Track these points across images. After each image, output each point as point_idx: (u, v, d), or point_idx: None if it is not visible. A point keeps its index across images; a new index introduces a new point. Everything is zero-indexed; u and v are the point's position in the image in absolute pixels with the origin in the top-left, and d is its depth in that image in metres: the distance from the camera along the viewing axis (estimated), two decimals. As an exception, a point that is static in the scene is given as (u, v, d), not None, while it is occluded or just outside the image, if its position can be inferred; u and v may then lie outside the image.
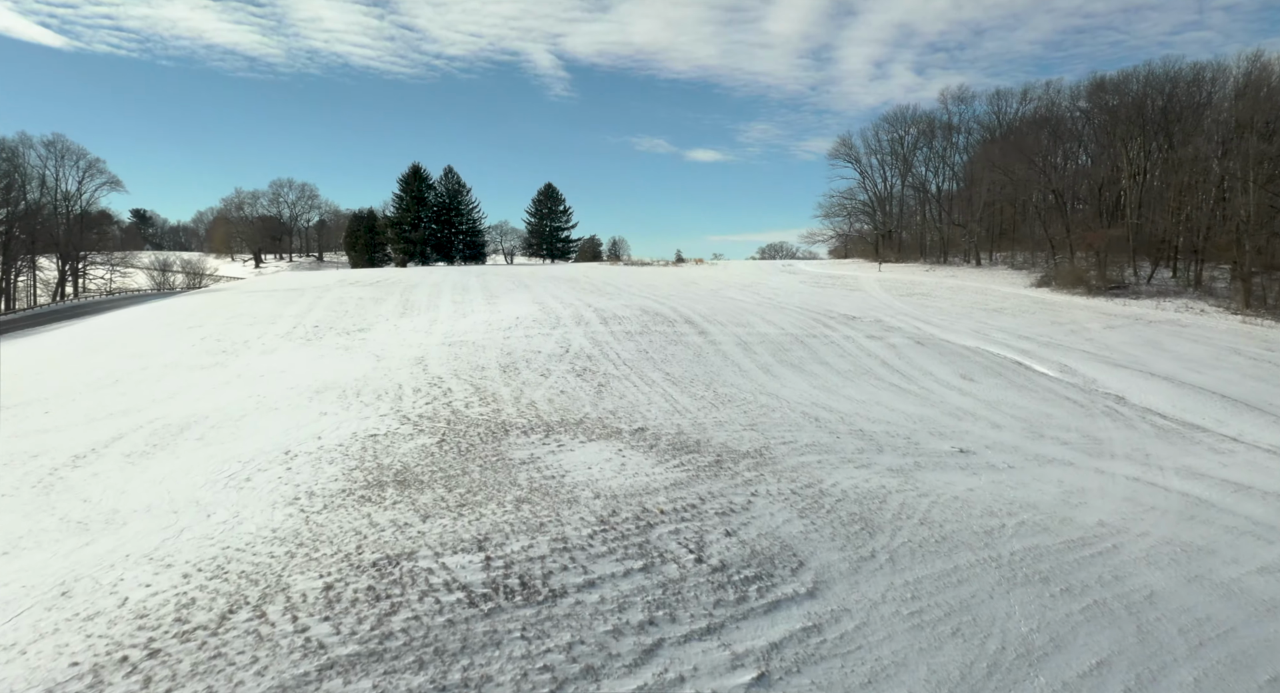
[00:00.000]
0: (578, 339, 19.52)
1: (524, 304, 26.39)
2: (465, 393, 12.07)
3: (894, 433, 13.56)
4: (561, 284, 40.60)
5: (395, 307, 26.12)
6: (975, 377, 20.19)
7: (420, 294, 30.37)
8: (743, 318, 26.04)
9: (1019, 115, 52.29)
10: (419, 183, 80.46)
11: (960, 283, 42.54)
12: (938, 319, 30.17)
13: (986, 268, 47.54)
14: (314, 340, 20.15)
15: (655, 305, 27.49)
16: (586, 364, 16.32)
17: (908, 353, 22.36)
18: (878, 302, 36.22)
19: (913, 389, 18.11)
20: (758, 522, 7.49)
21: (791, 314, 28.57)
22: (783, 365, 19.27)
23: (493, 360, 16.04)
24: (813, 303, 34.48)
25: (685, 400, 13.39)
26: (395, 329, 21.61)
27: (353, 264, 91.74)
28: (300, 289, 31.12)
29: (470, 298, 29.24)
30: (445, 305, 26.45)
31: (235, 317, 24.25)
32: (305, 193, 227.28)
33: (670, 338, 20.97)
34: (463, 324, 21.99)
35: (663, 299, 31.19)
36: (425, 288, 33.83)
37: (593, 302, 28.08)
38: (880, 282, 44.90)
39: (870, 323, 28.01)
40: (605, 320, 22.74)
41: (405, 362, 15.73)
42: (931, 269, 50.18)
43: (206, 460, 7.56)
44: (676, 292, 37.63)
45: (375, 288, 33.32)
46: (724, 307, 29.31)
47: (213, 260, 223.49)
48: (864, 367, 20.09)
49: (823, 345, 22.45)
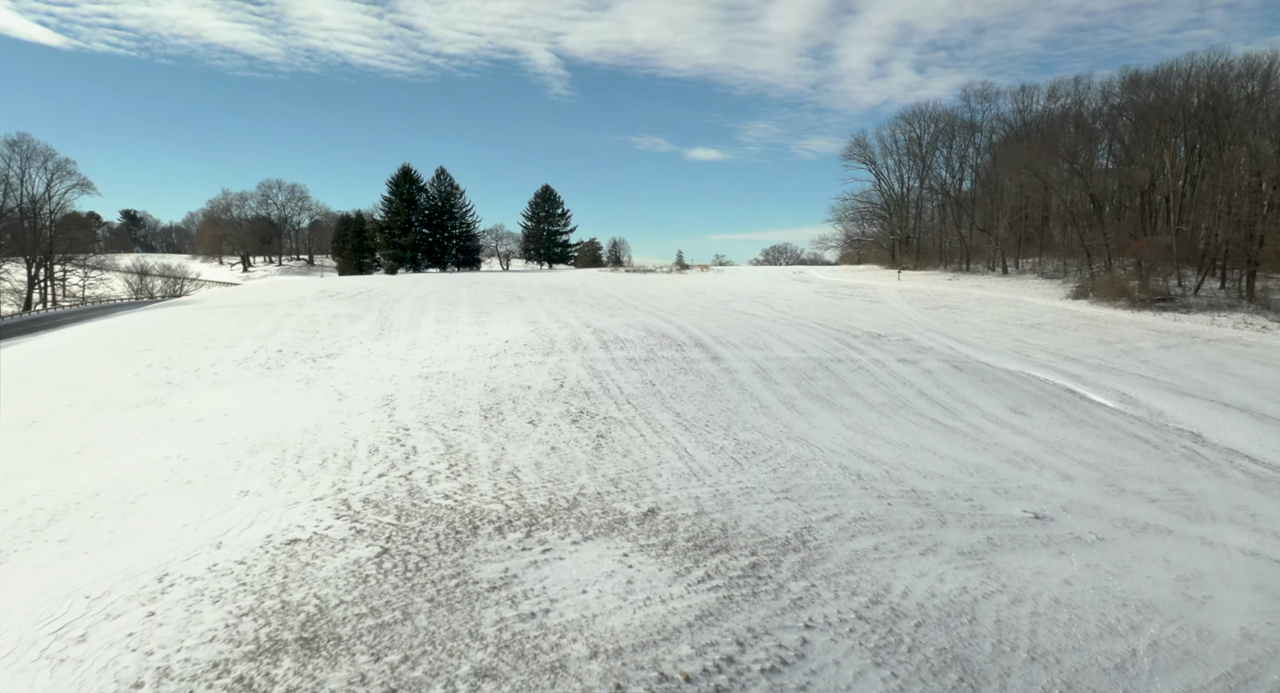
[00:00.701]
0: (574, 369, 17.49)
1: (515, 323, 24.38)
2: (432, 455, 10.03)
3: (952, 492, 11.51)
4: (559, 296, 38.62)
5: (372, 326, 24.10)
6: (1027, 410, 18.13)
7: (402, 310, 28.37)
8: (758, 338, 24.01)
9: (1046, 113, 50.39)
10: (409, 185, 78.59)
11: (988, 294, 40.50)
12: (971, 337, 28.13)
13: (1014, 277, 45.51)
14: (274, 369, 18.13)
15: (661, 324, 25.46)
16: (584, 404, 14.28)
17: (946, 380, 20.31)
18: (902, 316, 34.19)
19: (959, 427, 16.06)
20: (821, 682, 5.44)
21: (810, 332, 26.53)
22: (809, 399, 17.22)
23: (473, 400, 14.01)
24: (831, 318, 32.45)
25: (702, 457, 11.35)
26: (368, 355, 19.58)
27: (340, 271, 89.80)
28: (270, 304, 29.13)
29: (457, 315, 27.23)
30: (428, 325, 24.44)
31: (193, 338, 22.24)
32: (295, 194, 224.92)
33: (679, 366, 18.93)
34: (445, 349, 19.97)
35: (669, 315, 29.17)
36: (409, 302, 31.83)
37: (592, 320, 26.07)
38: (901, 292, 42.88)
39: (898, 342, 25.98)
40: (605, 344, 20.71)
41: (370, 402, 13.70)
42: (955, 278, 48.15)
43: (45, 591, 5.50)
44: (683, 305, 35.63)
45: (354, 302, 31.33)
46: (736, 324, 27.28)
47: (199, 265, 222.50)
48: (900, 398, 18.04)
49: (850, 372, 20.40)
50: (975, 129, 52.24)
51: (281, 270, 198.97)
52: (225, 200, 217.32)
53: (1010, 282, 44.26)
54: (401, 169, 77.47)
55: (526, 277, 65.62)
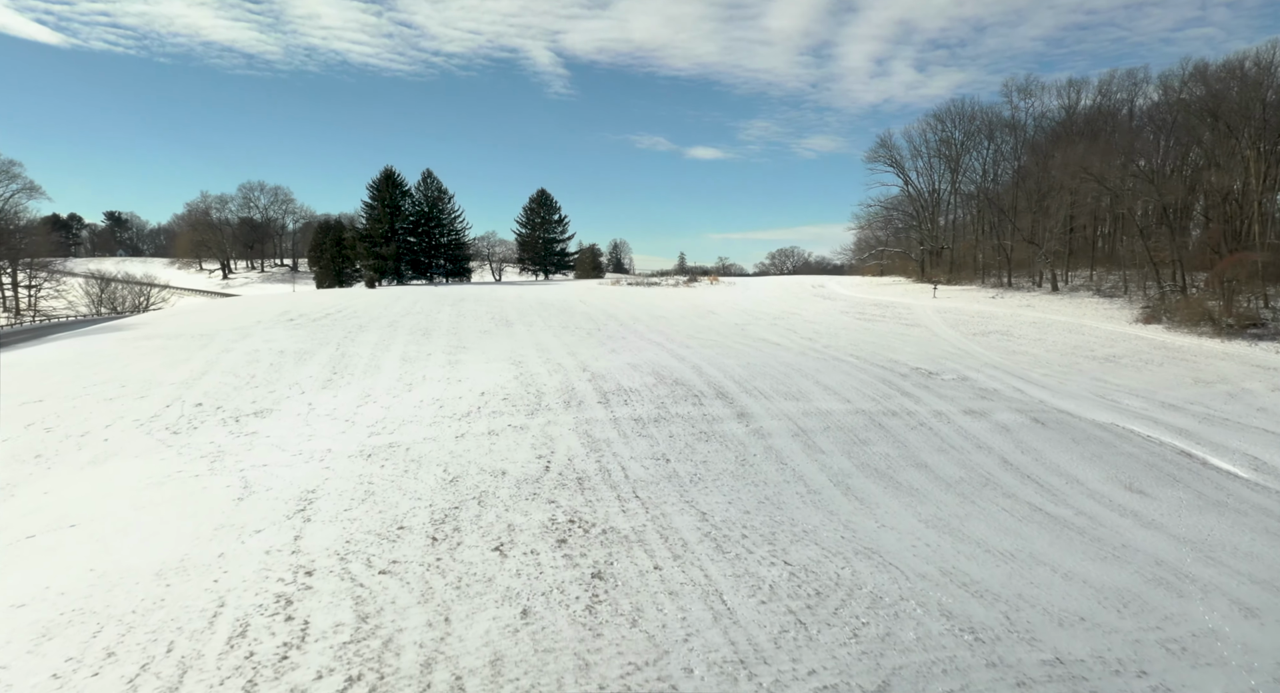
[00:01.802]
0: (565, 439, 14.24)
1: (497, 365, 21.15)
2: (329, 647, 6.79)
3: (1112, 658, 8.27)
4: (552, 319, 35.43)
5: (323, 367, 20.89)
6: (1144, 486, 14.83)
7: (365, 342, 25.16)
8: (789, 382, 20.76)
9: (1097, 109, 47.32)
10: (393, 189, 75.50)
11: (1041, 316, 37.23)
12: (1038, 375, 24.84)
13: (1066, 295, 42.24)
14: (181, 434, 14.89)
15: (671, 363, 22.22)
16: (576, 503, 11.03)
17: (1028, 440, 17.02)
18: (949, 345, 30.93)
19: (1068, 517, 12.78)
20: None
21: (849, 371, 23.27)
22: (867, 475, 13.96)
23: (424, 502, 10.77)
24: (868, 348, 29.21)
25: (747, 613, 8.10)
26: (307, 412, 16.34)
27: (318, 282, 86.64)
28: (211, 335, 25.95)
29: (428, 350, 24.02)
30: (391, 365, 21.22)
31: (100, 383, 19.04)
32: (279, 197, 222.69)
33: (699, 429, 15.67)
34: (404, 404, 16.74)
35: (679, 347, 25.94)
36: (376, 330, 28.64)
37: (589, 358, 22.85)
38: (940, 313, 39.62)
39: (955, 383, 22.72)
40: (605, 397, 17.47)
41: (279, 506, 10.47)
42: (998, 295, 44.87)
43: None
44: (694, 330, 32.42)
45: (312, 330, 28.14)
46: (759, 360, 24.04)
47: (175, 272, 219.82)
48: (980, 471, 14.76)
49: (910, 431, 17.13)
50: (1016, 127, 49.15)
51: (263, 278, 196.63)
52: (204, 203, 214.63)
53: (1063, 301, 40.97)
54: (384, 172, 74.32)
55: (519, 291, 62.47)
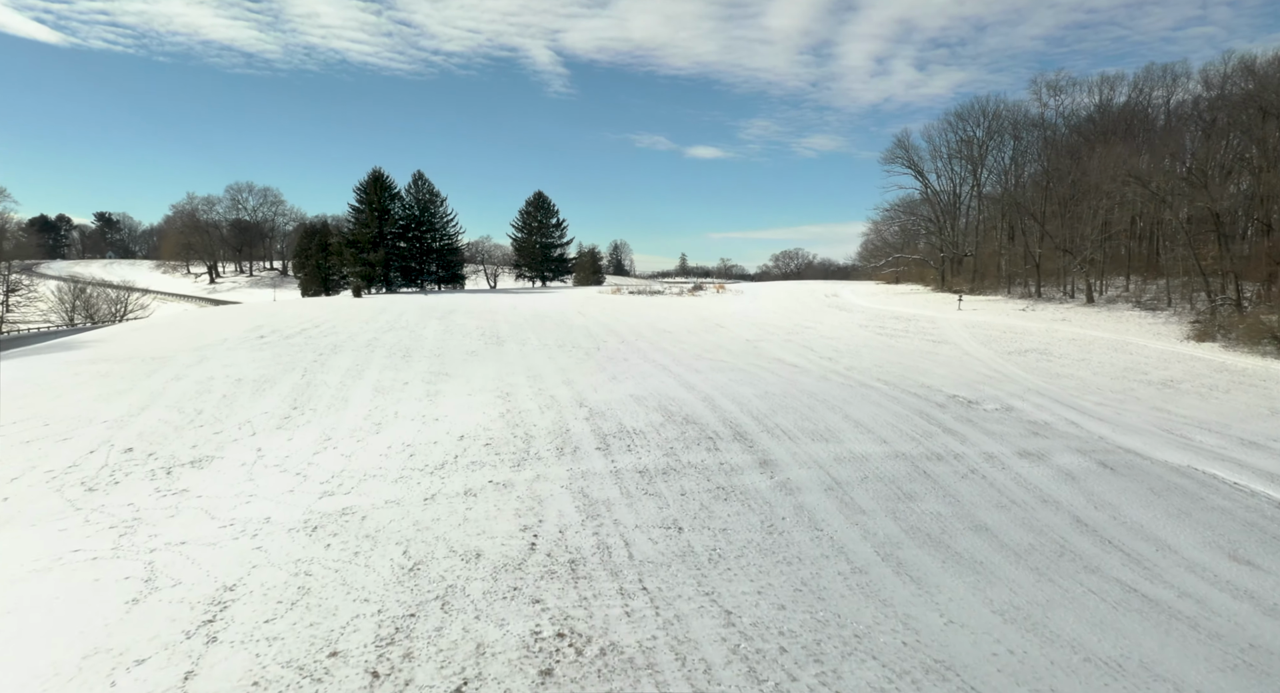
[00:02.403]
0: (557, 502, 12.17)
1: (481, 397, 19.09)
2: None
3: None
4: (548, 336, 33.40)
5: (284, 399, 18.85)
6: (1249, 553, 12.71)
7: (336, 368, 23.12)
8: (814, 416, 18.69)
9: (1134, 107, 45.35)
10: (381, 192, 73.61)
11: (1080, 331, 35.14)
12: (1090, 402, 22.75)
13: (1102, 307, 40.18)
14: (96, 493, 12.82)
15: (680, 393, 20.16)
16: (565, 602, 8.97)
17: (1099, 491, 14.92)
18: (983, 365, 28.85)
19: (1169, 600, 10.65)
20: None
21: (880, 401, 21.21)
22: (919, 543, 11.87)
23: (371, 605, 8.70)
24: (896, 369, 27.14)
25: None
26: (254, 461, 14.28)
27: (303, 289, 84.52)
28: (165, 357, 23.93)
29: (408, 376, 21.98)
30: (361, 397, 19.17)
31: (20, 421, 16.97)
32: (268, 198, 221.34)
33: (715, 484, 13.60)
34: (369, 451, 14.68)
35: (688, 371, 23.88)
36: (352, 351, 26.61)
37: (587, 387, 20.80)
38: (968, 327, 37.54)
39: (1000, 414, 20.65)
40: (605, 440, 15.40)
41: (176, 621, 8.42)
42: (1028, 308, 42.79)
43: None
44: (702, 348, 30.37)
45: (279, 351, 26.13)
46: (778, 387, 21.98)
47: (160, 276, 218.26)
48: (1052, 535, 12.67)
49: (960, 480, 15.04)
50: (1046, 126, 47.18)
51: (251, 283, 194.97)
52: (190, 205, 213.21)
53: (1101, 314, 38.89)
54: (372, 174, 72.43)
55: (514, 300, 60.47)
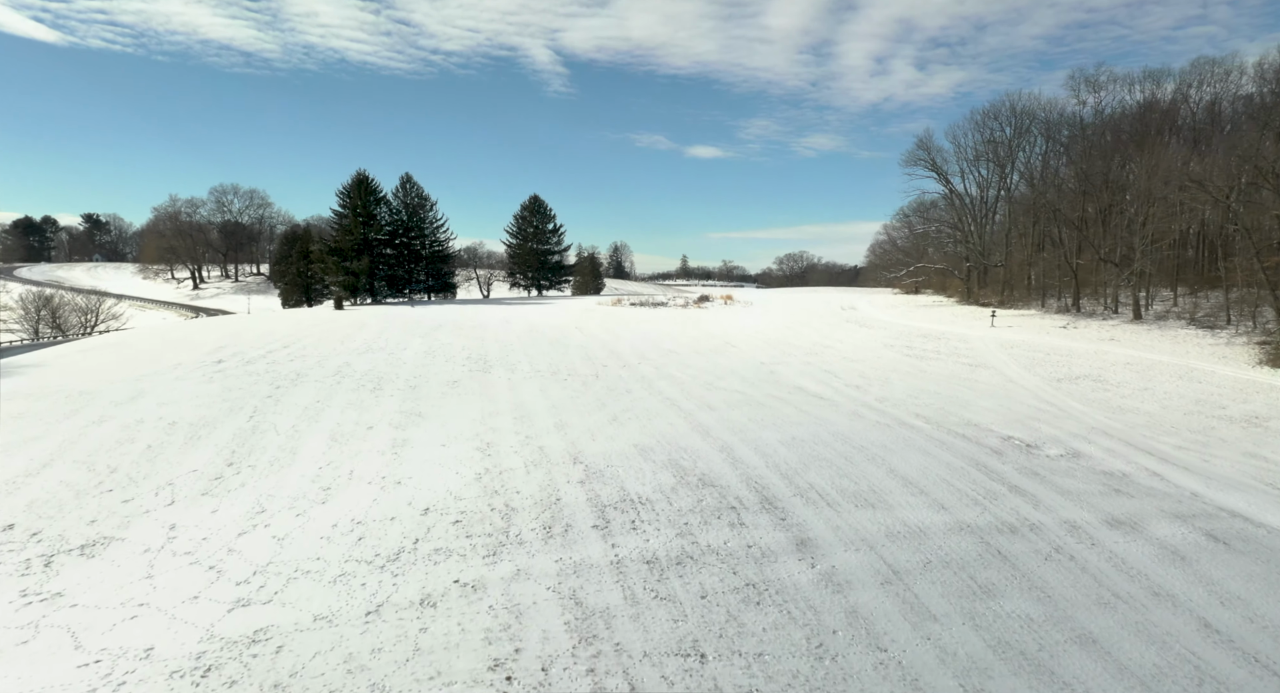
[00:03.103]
0: (541, 616, 9.62)
1: (457, 448, 16.54)
2: None
3: None
4: (541, 359, 30.87)
5: (221, 450, 16.32)
6: None
7: (292, 405, 20.59)
8: (855, 471, 16.13)
9: (1185, 104, 42.92)
10: (366, 196, 71.15)
11: (1132, 353, 32.56)
12: (1168, 445, 20.16)
13: (1151, 324, 37.63)
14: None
15: (693, 439, 17.62)
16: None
17: (1220, 578, 12.32)
18: (1032, 395, 26.27)
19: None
20: None
21: (926, 446, 18.66)
22: (1014, 668, 9.30)
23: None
24: (933, 400, 24.58)
25: None
26: (159, 549, 11.74)
27: (284, 300, 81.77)
28: (95, 392, 21.42)
29: (374, 417, 19.45)
30: (315, 446, 16.63)
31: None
32: (255, 200, 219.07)
33: (744, 579, 11.03)
34: (308, 531, 12.14)
35: (700, 409, 21.34)
36: (315, 381, 24.11)
37: (583, 433, 18.26)
38: (1005, 347, 34.99)
39: (1067, 463, 18.06)
40: (604, 514, 12.85)
41: None
42: (1069, 324, 40.22)
43: None
44: (714, 376, 27.81)
45: (233, 381, 23.62)
46: (807, 430, 19.45)
47: (140, 282, 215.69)
48: (1177, 648, 10.10)
49: (1045, 563, 12.46)
50: (1085, 126, 44.75)
51: (236, 289, 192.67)
52: (173, 207, 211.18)
53: (1152, 333, 36.34)
54: (356, 177, 69.91)
55: (507, 312, 58.01)
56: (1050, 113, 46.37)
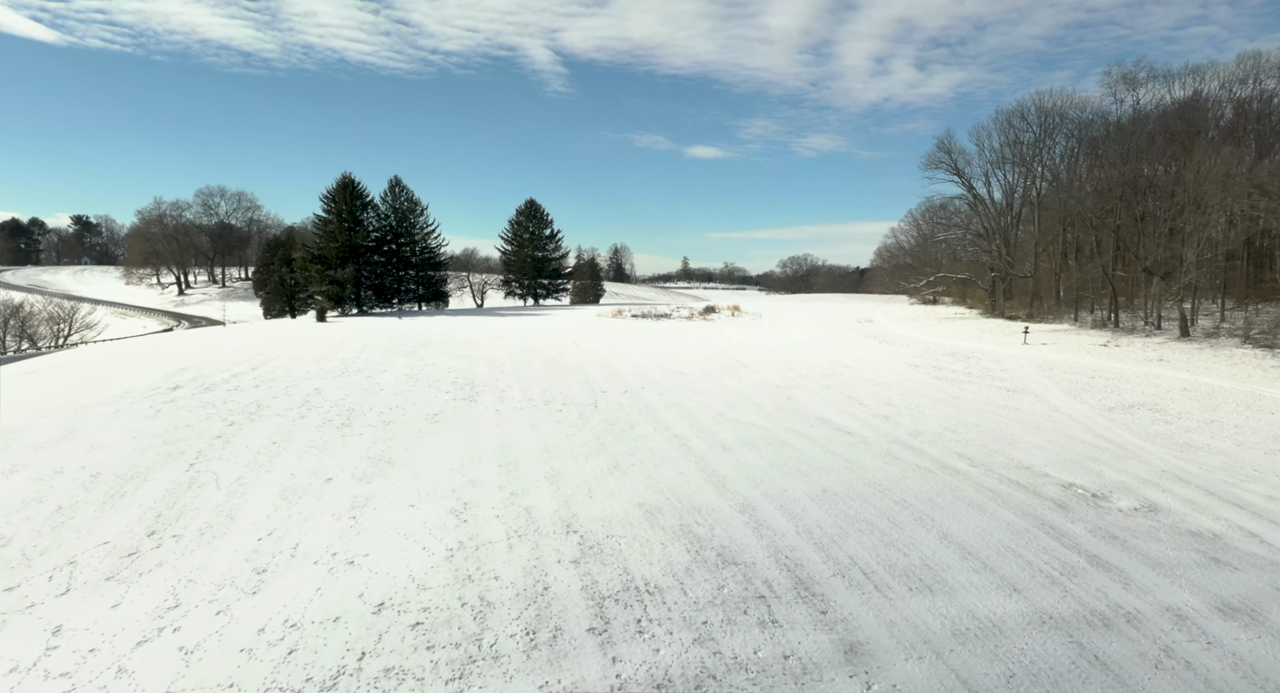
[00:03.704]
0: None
1: (428, 509, 14.28)
2: None
3: None
4: (534, 383, 28.60)
5: (148, 509, 14.07)
6: None
7: (243, 449, 18.33)
8: (902, 540, 13.85)
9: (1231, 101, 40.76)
10: (352, 201, 69.03)
11: (1187, 377, 30.28)
12: (1257, 495, 17.81)
13: (1200, 342, 35.36)
14: None
15: (708, 496, 15.34)
16: None
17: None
18: (1083, 427, 23.95)
19: None
20: None
21: (979, 499, 16.37)
22: None
23: None
24: (977, 437, 22.27)
25: None
26: (30, 667, 9.48)
27: (266, 310, 79.55)
28: (18, 430, 19.18)
29: (335, 465, 17.19)
30: (258, 506, 14.37)
31: None
32: (242, 203, 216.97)
33: (786, 716, 8.74)
34: (229, 637, 9.90)
35: (713, 452, 19.07)
36: (278, 414, 21.89)
37: (578, 488, 16.00)
38: (1043, 369, 32.71)
39: (1144, 519, 15.75)
40: (602, 610, 10.59)
41: None
42: (1109, 342, 37.95)
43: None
44: (726, 405, 25.54)
45: (182, 415, 21.40)
46: (840, 483, 17.18)
47: (123, 287, 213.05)
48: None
49: (1156, 674, 10.15)
50: (1122, 127, 42.58)
51: (223, 294, 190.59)
52: (157, 210, 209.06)
53: (1205, 353, 34.07)
54: (340, 180, 67.69)
55: (501, 326, 55.81)
56: (1083, 112, 44.34)
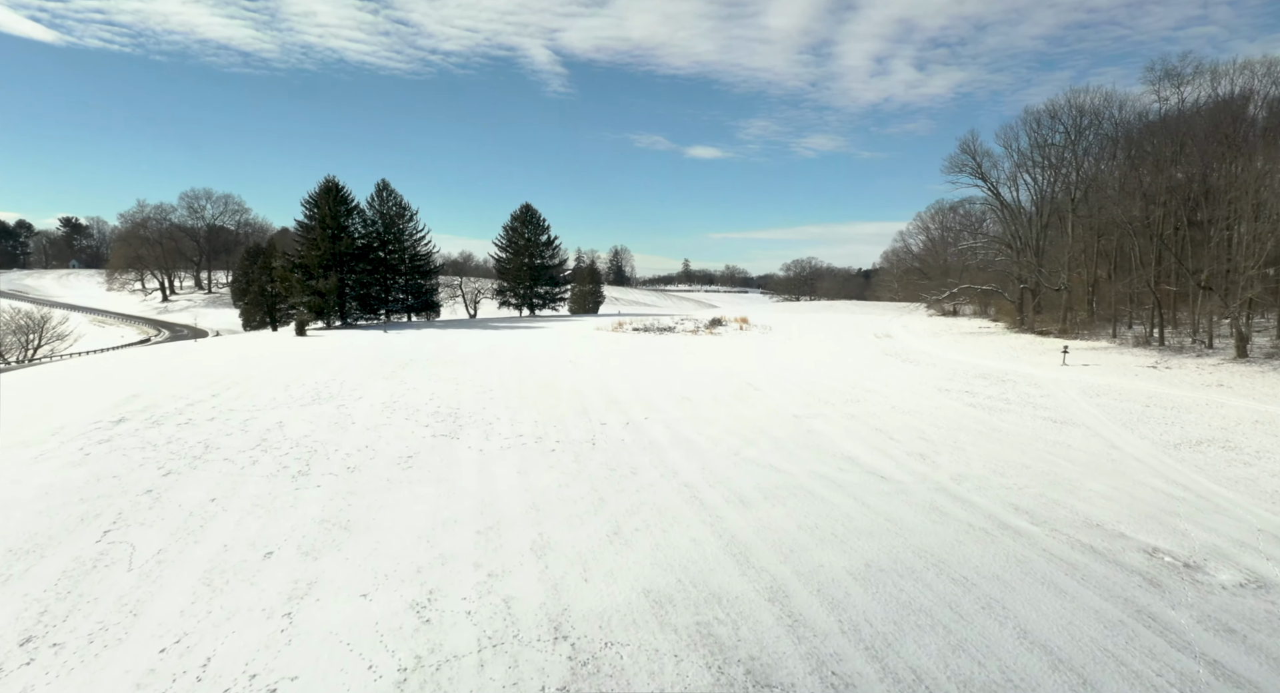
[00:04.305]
0: None
1: (382, 601, 11.87)
2: None
3: None
4: (525, 414, 26.18)
5: (30, 604, 11.67)
6: None
7: (179, 504, 15.96)
8: (972, 641, 11.42)
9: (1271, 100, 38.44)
10: (336, 206, 66.67)
11: (1256, 406, 27.83)
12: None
13: (1261, 363, 32.99)
14: None
15: (729, 576, 12.94)
16: None
17: None
18: (1150, 472, 21.47)
19: None
20: None
21: (1052, 574, 13.94)
22: None
23: None
24: (1030, 482, 19.81)
25: None
26: None
27: (245, 321, 77.04)
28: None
29: (281, 529, 14.82)
30: (173, 597, 11.97)
31: None
32: (229, 206, 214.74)
33: None
34: None
35: (731, 513, 16.65)
36: (224, 460, 19.50)
37: (570, 567, 13.65)
38: (1089, 395, 30.29)
39: (1257, 600, 13.30)
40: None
41: None
42: (1158, 363, 35.55)
43: None
44: (741, 441, 23.13)
45: (115, 460, 19.04)
46: (884, 555, 14.77)
47: (104, 293, 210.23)
48: None
49: None
50: (1167, 126, 40.28)
51: (208, 301, 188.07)
52: (141, 213, 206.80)
53: (1270, 376, 31.64)
54: (323, 184, 65.24)
55: (493, 340, 53.41)
56: (1124, 111, 42.08)
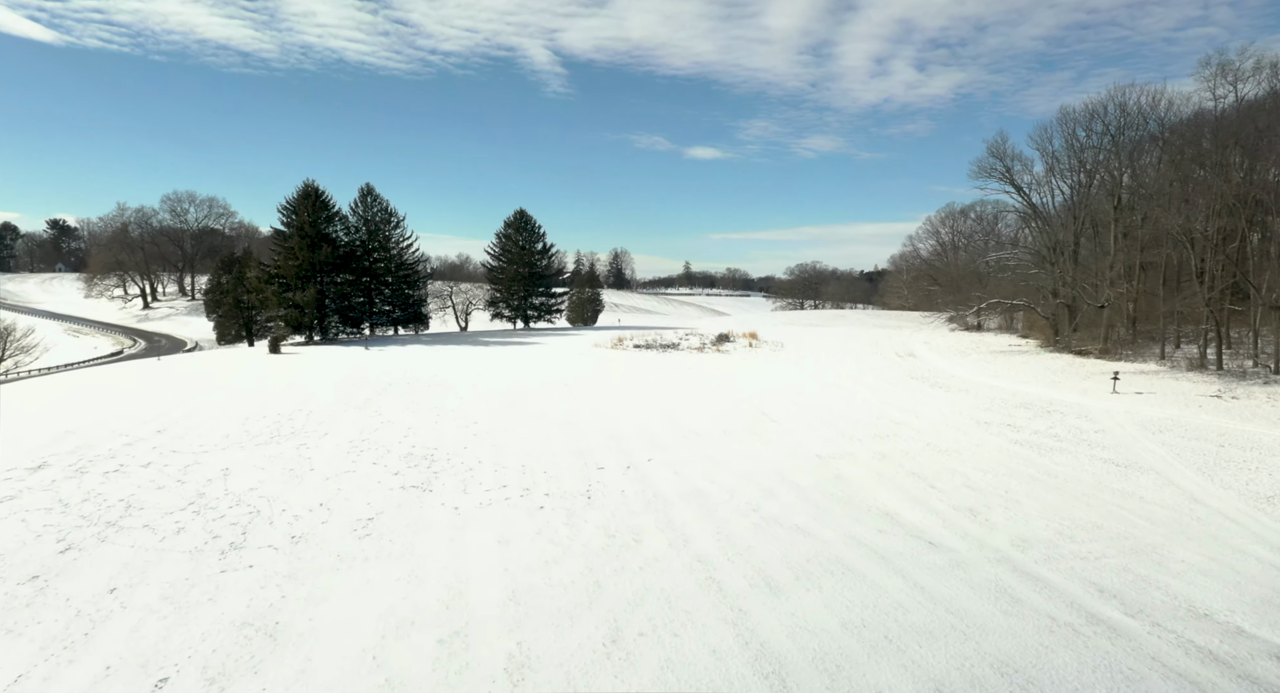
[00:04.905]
0: None
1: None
2: None
3: None
4: (510, 459, 23.40)
5: None
6: None
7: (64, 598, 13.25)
8: None
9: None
10: (315, 212, 63.89)
11: (1344, 446, 25.03)
12: None
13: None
14: None
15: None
16: None
17: None
18: (1247, 535, 18.52)
19: None
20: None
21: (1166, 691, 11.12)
22: None
23: None
24: (1109, 556, 16.91)
25: None
26: None
27: (219, 335, 74.08)
28: None
29: (194, 632, 12.13)
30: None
31: None
32: (213, 210, 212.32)
33: None
34: None
35: (753, 603, 13.81)
36: (141, 529, 16.78)
37: (550, 683, 10.82)
38: (1151, 431, 27.46)
39: None
40: None
41: None
42: (1221, 391, 32.75)
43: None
44: (760, 492, 20.30)
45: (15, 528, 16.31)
46: (959, 673, 11.97)
47: (82, 300, 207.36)
48: None
49: None
50: (1220, 128, 37.59)
51: (190, 308, 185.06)
52: (122, 216, 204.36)
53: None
54: (302, 189, 62.49)
55: (482, 359, 50.63)
56: (1173, 111, 39.55)
